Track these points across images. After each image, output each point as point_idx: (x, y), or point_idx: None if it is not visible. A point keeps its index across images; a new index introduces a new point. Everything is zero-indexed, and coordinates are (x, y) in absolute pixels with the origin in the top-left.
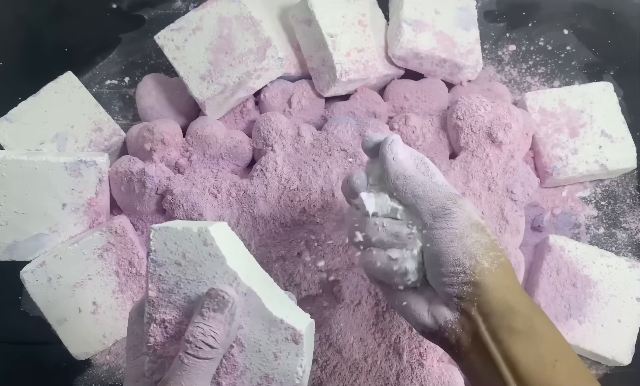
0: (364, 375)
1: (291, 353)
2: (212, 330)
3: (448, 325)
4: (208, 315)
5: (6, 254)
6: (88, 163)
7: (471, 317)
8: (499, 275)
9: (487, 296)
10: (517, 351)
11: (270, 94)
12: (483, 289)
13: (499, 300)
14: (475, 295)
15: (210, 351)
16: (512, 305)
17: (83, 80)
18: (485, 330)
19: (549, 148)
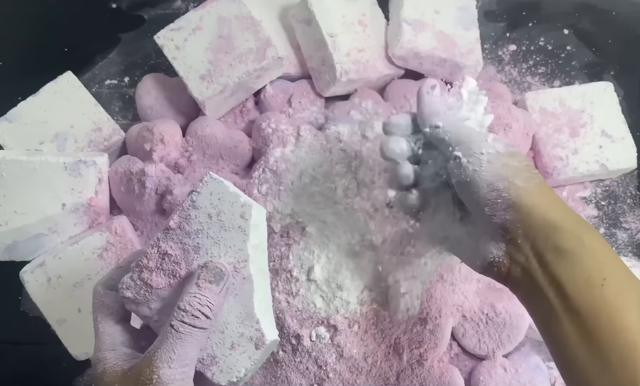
0: (364, 375)
1: (246, 352)
2: (208, 300)
3: (496, 259)
4: (204, 286)
5: (6, 254)
6: (88, 163)
7: (518, 246)
8: (536, 192)
9: (530, 219)
10: (563, 273)
11: (270, 94)
12: (524, 211)
13: (542, 220)
14: (518, 221)
15: (205, 321)
16: (557, 223)
17: (83, 80)
18: (533, 257)
19: (549, 148)
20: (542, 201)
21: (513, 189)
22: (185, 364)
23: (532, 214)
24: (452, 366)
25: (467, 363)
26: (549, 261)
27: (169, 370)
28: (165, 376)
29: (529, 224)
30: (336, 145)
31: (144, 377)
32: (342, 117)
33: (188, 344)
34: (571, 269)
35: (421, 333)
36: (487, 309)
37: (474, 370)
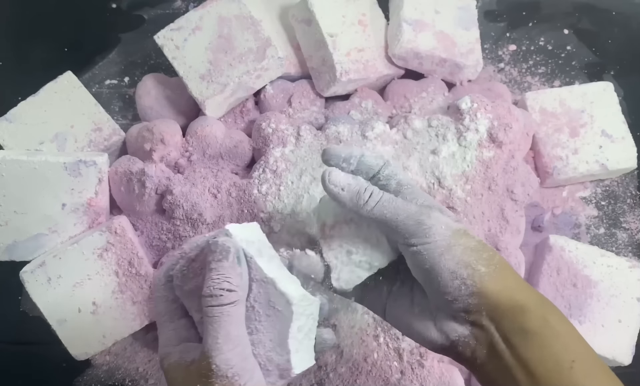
0: (364, 375)
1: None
2: (224, 276)
3: (461, 339)
4: (216, 266)
5: (6, 254)
6: (88, 163)
7: (483, 327)
8: (499, 276)
9: (495, 302)
10: (531, 355)
11: (270, 93)
12: (488, 295)
13: (507, 302)
14: (483, 305)
15: (230, 295)
16: (522, 304)
17: (83, 80)
18: (499, 338)
19: (550, 148)
20: (506, 284)
21: (477, 276)
22: (236, 344)
23: (496, 297)
24: (452, 366)
25: None
26: (516, 343)
27: (222, 355)
28: (222, 363)
29: (495, 307)
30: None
31: (204, 370)
32: (342, 117)
33: (226, 324)
34: (539, 351)
35: None
36: None
37: None
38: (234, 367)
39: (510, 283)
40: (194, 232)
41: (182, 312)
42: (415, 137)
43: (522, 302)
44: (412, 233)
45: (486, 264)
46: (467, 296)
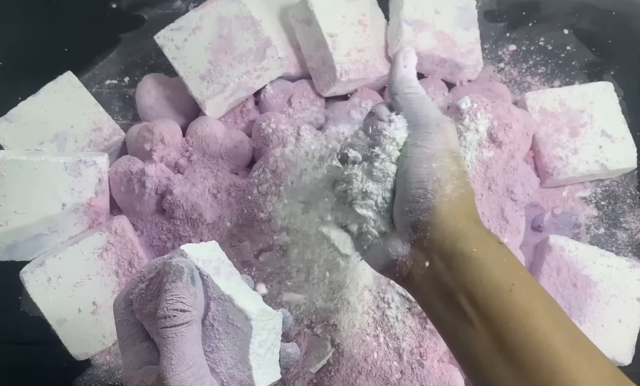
0: (364, 375)
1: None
2: (178, 296)
3: (399, 258)
4: (169, 287)
5: (6, 254)
6: (88, 163)
7: (423, 247)
8: (456, 203)
9: (441, 224)
10: (471, 279)
11: (270, 93)
12: (438, 216)
13: (452, 228)
14: (429, 224)
15: (183, 315)
16: (466, 232)
17: (83, 80)
18: (438, 259)
19: (549, 148)
20: (458, 212)
21: (439, 193)
22: (190, 365)
23: (445, 220)
24: (452, 366)
25: None
26: (456, 266)
27: (176, 376)
28: (176, 383)
29: (440, 228)
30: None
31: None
32: (342, 117)
33: (180, 345)
34: (479, 275)
35: (421, 333)
36: None
37: None
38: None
39: (463, 212)
40: (194, 232)
41: (143, 335)
42: None
43: (466, 230)
44: (416, 132)
45: (453, 189)
46: (421, 212)
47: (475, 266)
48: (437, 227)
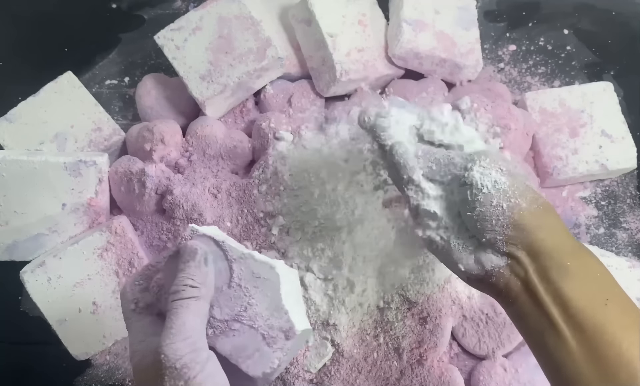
0: (364, 375)
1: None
2: (189, 274)
3: (495, 269)
4: (183, 267)
5: (6, 254)
6: (88, 163)
7: (519, 259)
8: (540, 214)
9: (532, 237)
10: (567, 291)
11: (270, 93)
12: (526, 230)
13: (544, 240)
14: (520, 238)
15: (191, 290)
16: (559, 244)
17: (83, 80)
18: (534, 271)
19: (549, 148)
20: (545, 223)
21: (517, 209)
22: (188, 336)
23: (534, 234)
24: (452, 366)
25: (467, 363)
26: (552, 278)
27: (172, 345)
28: (171, 353)
29: (531, 242)
30: (336, 145)
31: (157, 364)
32: (342, 117)
33: (182, 315)
34: (574, 288)
35: (421, 333)
36: (487, 309)
37: (474, 370)
38: (182, 358)
39: (550, 223)
40: None
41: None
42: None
43: (559, 242)
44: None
45: (528, 201)
46: (505, 227)
47: (572, 279)
48: (526, 240)
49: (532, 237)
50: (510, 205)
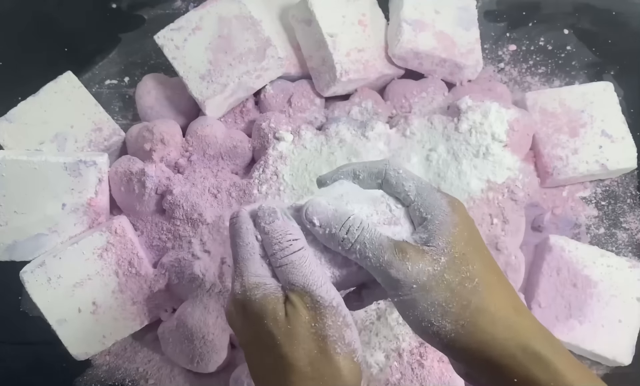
0: (364, 375)
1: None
2: (283, 230)
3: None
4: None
5: (6, 254)
6: (88, 163)
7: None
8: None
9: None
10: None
11: (270, 93)
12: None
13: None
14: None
15: (297, 243)
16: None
17: (83, 80)
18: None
19: (549, 148)
20: (475, 339)
21: (442, 334)
22: (325, 280)
23: (468, 353)
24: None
25: None
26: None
27: (322, 287)
28: (325, 294)
29: (470, 362)
30: (336, 145)
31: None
32: (342, 117)
33: (307, 265)
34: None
35: None
36: None
37: None
38: (335, 297)
39: (483, 336)
40: (194, 232)
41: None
42: (415, 137)
43: (496, 357)
44: (383, 283)
45: (454, 320)
46: (443, 348)
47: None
48: (466, 360)
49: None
50: (435, 330)
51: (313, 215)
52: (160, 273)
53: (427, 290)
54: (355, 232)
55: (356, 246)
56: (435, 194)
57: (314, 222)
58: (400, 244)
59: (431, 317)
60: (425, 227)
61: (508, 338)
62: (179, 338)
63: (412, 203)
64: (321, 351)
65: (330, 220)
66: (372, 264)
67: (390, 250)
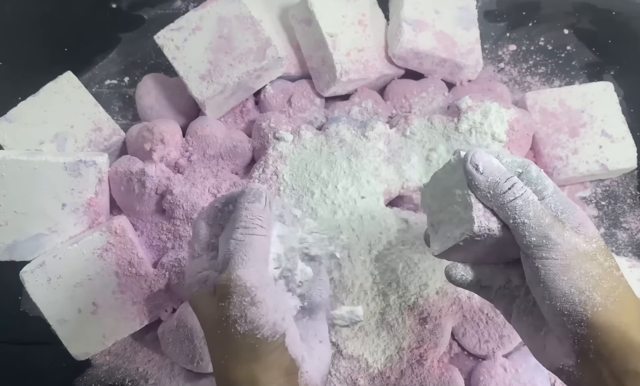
0: (364, 375)
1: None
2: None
3: (565, 368)
4: (249, 207)
5: (6, 254)
6: (88, 163)
7: (590, 361)
8: (615, 310)
9: (605, 337)
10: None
11: (270, 93)
12: (599, 329)
13: (619, 341)
14: (591, 337)
15: (261, 230)
16: (636, 346)
17: (83, 80)
18: (607, 376)
19: (549, 148)
20: (622, 321)
21: (589, 304)
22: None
23: (607, 334)
24: (452, 366)
25: (467, 363)
26: (628, 385)
27: (243, 269)
28: (243, 274)
29: (605, 342)
30: (336, 145)
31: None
32: (342, 117)
33: (252, 247)
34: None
35: (421, 333)
36: (487, 309)
37: (474, 370)
38: (251, 279)
39: (627, 320)
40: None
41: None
42: (415, 137)
43: (634, 342)
44: (535, 244)
45: (604, 294)
46: (576, 324)
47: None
48: (600, 340)
49: (604, 337)
50: (582, 299)
51: (479, 160)
52: (160, 273)
53: (583, 259)
54: (519, 189)
55: (518, 201)
56: (567, 198)
57: (479, 167)
58: (556, 217)
59: (583, 285)
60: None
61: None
62: (179, 338)
63: (547, 198)
64: (225, 334)
65: (495, 171)
66: (529, 222)
67: (552, 216)
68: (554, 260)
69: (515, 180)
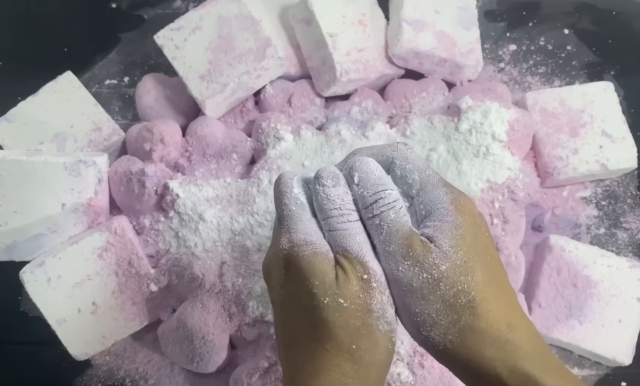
0: None
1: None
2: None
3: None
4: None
5: (5, 254)
6: (87, 163)
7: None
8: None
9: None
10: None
11: (270, 93)
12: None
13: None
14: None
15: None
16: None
17: (82, 80)
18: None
19: (550, 148)
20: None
21: (429, 345)
22: (373, 256)
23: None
24: None
25: None
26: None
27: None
28: (375, 267)
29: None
30: (336, 145)
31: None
32: (342, 117)
33: (359, 236)
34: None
35: None
36: None
37: None
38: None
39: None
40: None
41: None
42: (415, 137)
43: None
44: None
45: (442, 333)
46: (433, 355)
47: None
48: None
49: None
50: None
51: (356, 171)
52: (160, 273)
53: (418, 297)
54: (381, 206)
55: (376, 220)
56: (439, 190)
57: (354, 178)
58: (415, 238)
59: (420, 326)
60: (426, 225)
61: (496, 358)
62: (178, 338)
63: (415, 198)
64: (364, 325)
65: (367, 182)
66: (378, 246)
67: (402, 241)
68: (396, 290)
69: (382, 195)
